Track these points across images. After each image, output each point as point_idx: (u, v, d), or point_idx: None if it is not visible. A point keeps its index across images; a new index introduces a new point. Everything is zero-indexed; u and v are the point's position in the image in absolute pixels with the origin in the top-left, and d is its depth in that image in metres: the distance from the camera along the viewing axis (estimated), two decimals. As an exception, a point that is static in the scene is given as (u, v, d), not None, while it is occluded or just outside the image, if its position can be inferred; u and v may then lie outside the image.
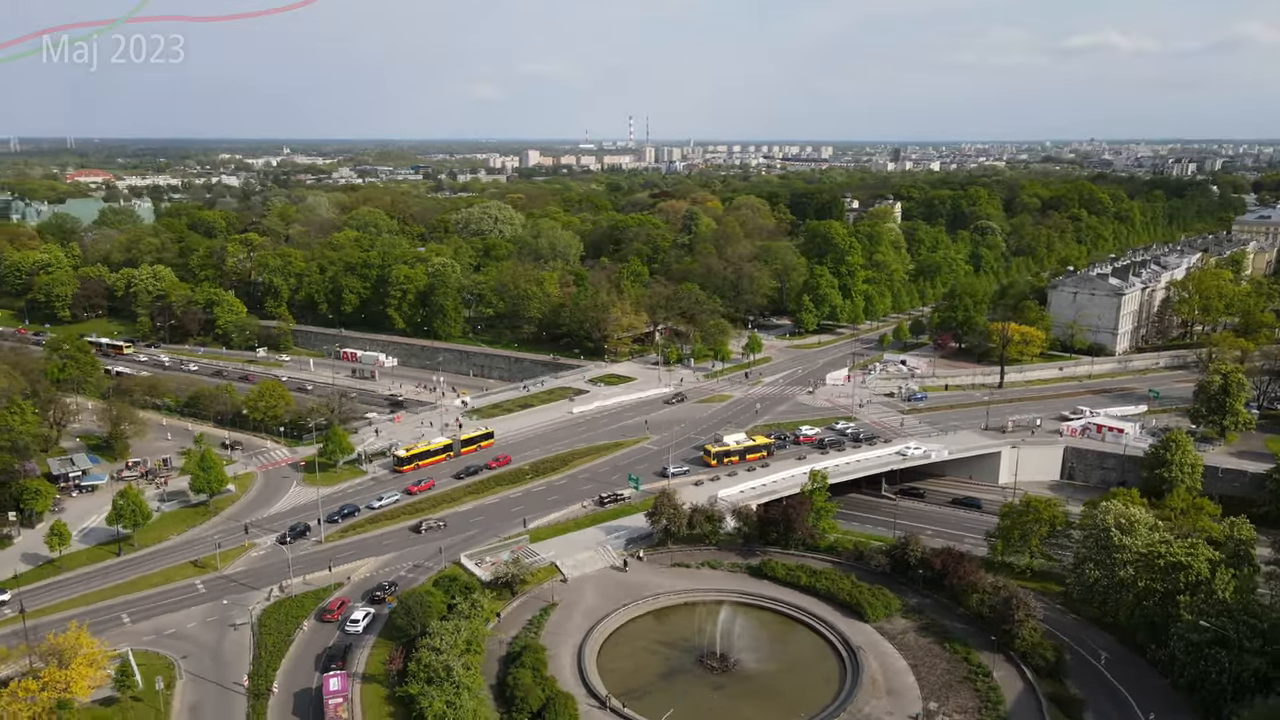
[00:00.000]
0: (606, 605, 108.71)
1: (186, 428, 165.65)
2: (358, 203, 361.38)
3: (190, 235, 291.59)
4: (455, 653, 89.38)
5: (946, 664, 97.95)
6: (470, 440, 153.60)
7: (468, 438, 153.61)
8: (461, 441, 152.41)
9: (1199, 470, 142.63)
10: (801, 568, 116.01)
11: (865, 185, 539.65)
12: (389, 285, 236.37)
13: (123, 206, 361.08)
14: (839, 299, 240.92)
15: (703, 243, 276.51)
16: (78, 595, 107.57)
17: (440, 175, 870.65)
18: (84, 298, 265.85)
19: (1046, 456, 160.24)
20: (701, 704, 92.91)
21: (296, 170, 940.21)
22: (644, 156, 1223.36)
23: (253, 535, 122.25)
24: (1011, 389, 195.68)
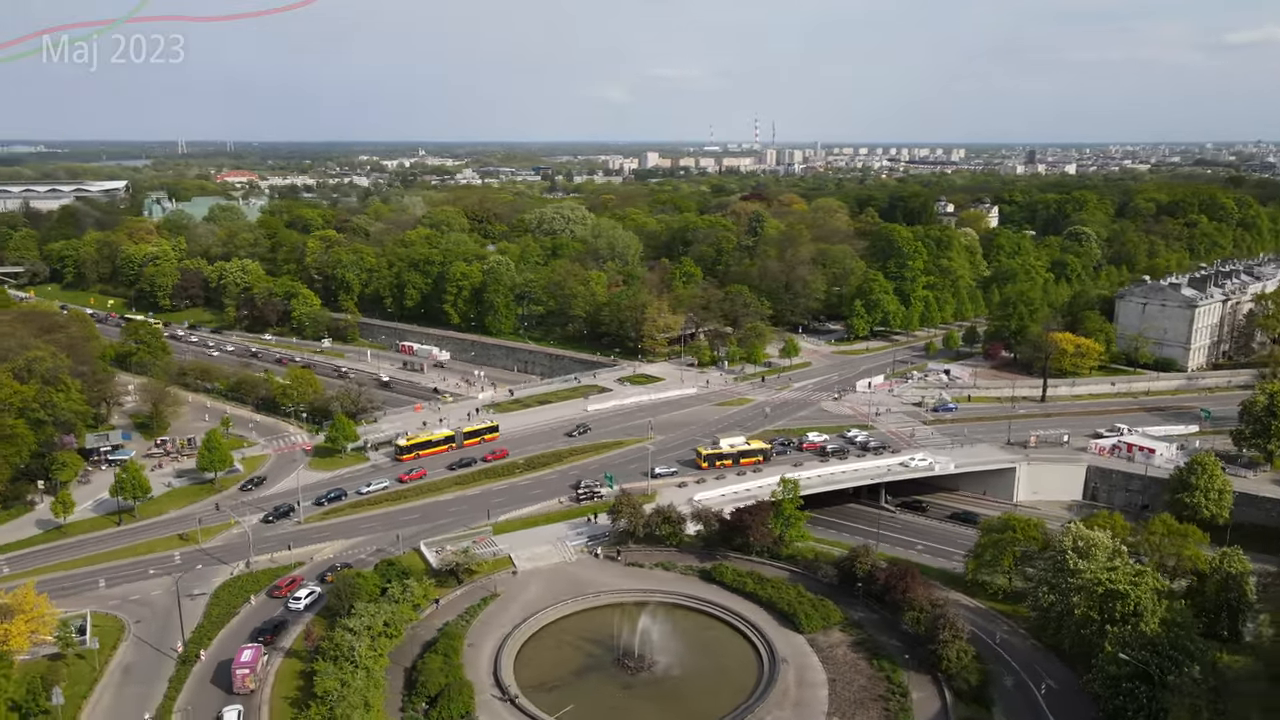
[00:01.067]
0: (547, 599, 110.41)
1: (226, 410, 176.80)
2: (449, 202, 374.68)
3: (283, 231, 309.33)
4: (367, 634, 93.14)
5: (867, 680, 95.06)
6: (474, 433, 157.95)
7: (470, 430, 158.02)
8: (465, 433, 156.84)
9: (1228, 496, 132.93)
10: (752, 574, 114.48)
11: (967, 188, 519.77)
12: (446, 282, 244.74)
13: (229, 204, 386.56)
14: (893, 304, 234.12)
15: (764, 245, 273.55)
16: (69, 559, 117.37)
17: (557, 176, 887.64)
18: (183, 288, 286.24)
19: (1067, 475, 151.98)
20: (603, 702, 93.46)
21: (425, 171, 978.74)
22: (764, 159, 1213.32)
23: (241, 513, 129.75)
24: (1054, 403, 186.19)
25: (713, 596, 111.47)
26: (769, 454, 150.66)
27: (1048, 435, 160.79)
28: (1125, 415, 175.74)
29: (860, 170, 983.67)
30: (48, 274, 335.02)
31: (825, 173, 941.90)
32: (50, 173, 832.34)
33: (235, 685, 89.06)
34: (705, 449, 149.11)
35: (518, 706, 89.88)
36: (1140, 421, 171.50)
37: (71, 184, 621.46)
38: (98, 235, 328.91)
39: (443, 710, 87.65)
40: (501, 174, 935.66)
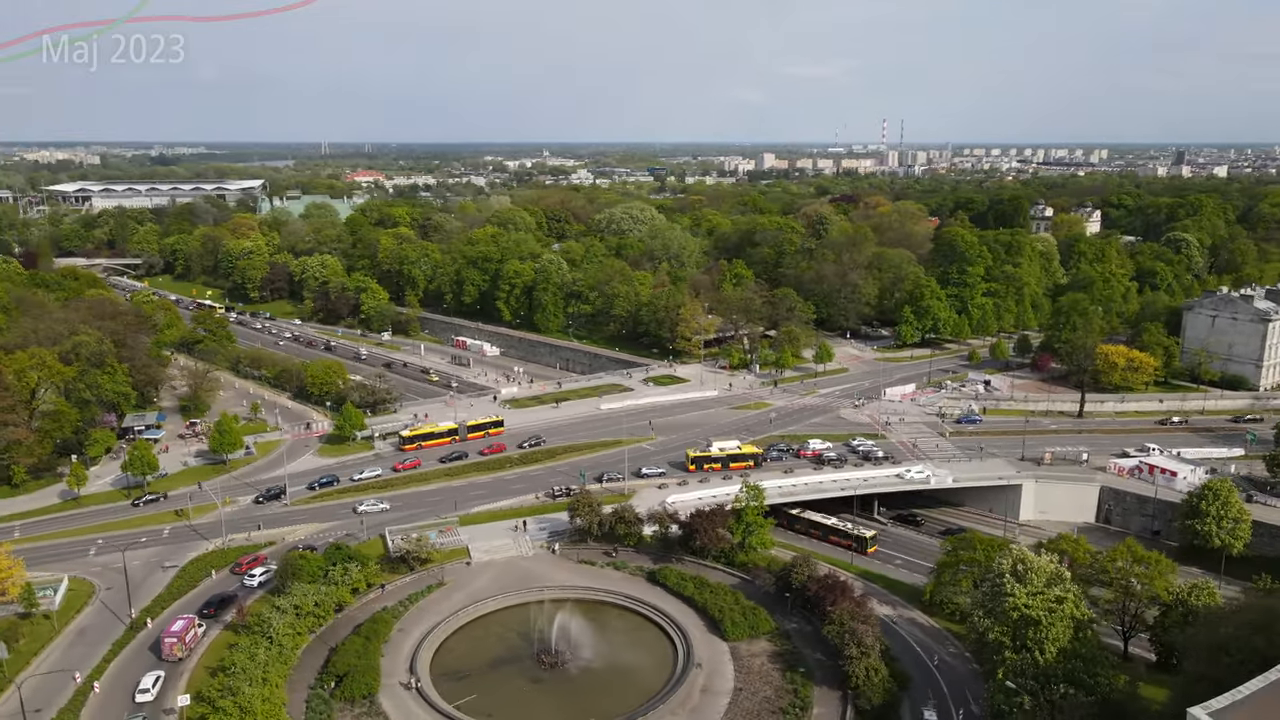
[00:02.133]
0: (490, 591, 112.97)
1: (264, 395, 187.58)
2: (532, 201, 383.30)
3: (366, 229, 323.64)
4: (293, 612, 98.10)
5: (774, 692, 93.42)
6: (478, 426, 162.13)
7: (475, 424, 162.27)
8: (469, 427, 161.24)
9: (1244, 526, 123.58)
10: (696, 579, 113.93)
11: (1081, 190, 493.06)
12: (500, 279, 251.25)
13: (323, 203, 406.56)
14: (944, 311, 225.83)
15: (823, 248, 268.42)
16: (72, 528, 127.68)
17: (669, 177, 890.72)
18: (270, 281, 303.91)
19: (1078, 495, 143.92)
20: (507, 694, 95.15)
21: (544, 171, 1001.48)
22: (886, 161, 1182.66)
23: (240, 494, 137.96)
24: (1093, 419, 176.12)
25: (652, 598, 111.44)
26: (760, 459, 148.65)
27: (1065, 452, 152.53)
28: (1167, 435, 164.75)
29: (984, 172, 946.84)
30: (161, 266, 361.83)
31: (945, 175, 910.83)
32: (201, 172, 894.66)
33: (163, 653, 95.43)
34: (694, 451, 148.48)
35: (418, 692, 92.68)
36: (1182, 442, 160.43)
37: (214, 183, 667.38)
38: (206, 230, 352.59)
39: (346, 689, 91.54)
40: (616, 174, 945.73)
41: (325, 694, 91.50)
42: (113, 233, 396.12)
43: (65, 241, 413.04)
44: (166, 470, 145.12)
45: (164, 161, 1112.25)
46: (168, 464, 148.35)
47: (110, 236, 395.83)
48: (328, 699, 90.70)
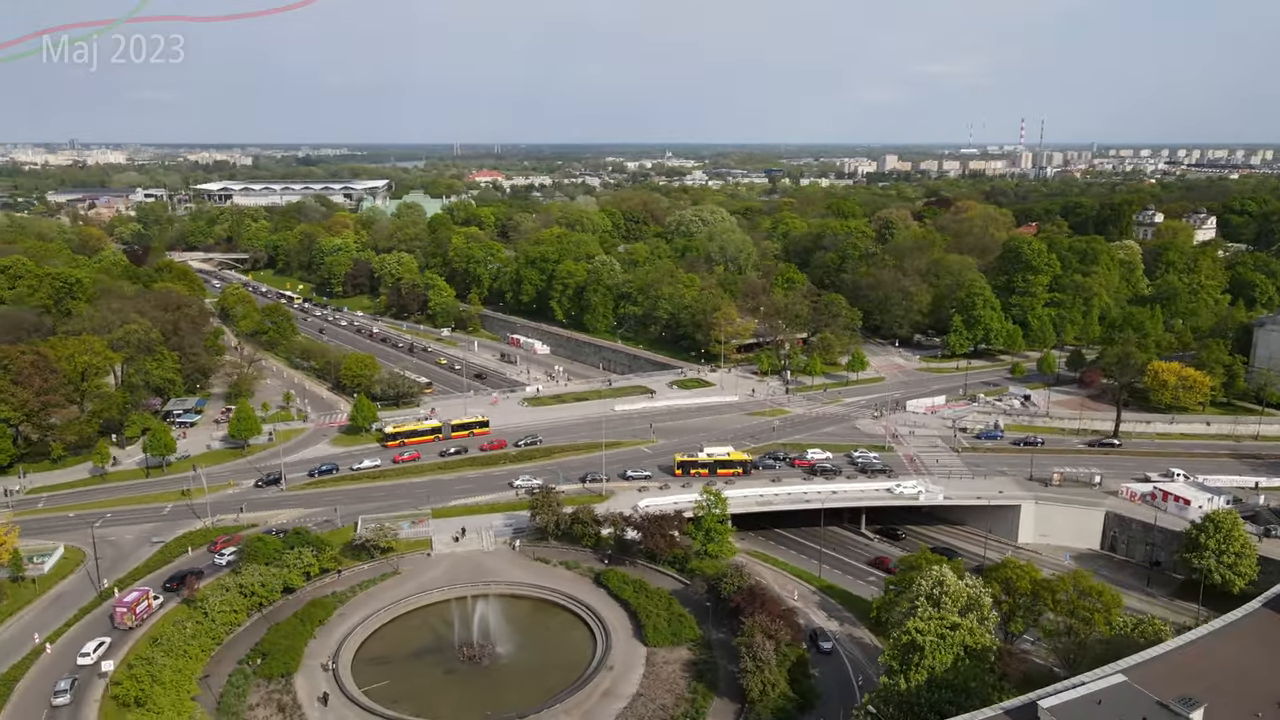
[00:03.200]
0: (440, 583, 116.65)
1: (305, 385, 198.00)
2: (616, 202, 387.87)
3: (443, 228, 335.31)
4: (237, 591, 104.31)
5: (672, 701, 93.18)
6: (463, 426, 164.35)
7: (459, 423, 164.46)
8: (453, 426, 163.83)
9: (1249, 560, 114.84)
10: (638, 583, 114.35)
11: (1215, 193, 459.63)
12: (554, 280, 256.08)
13: (414, 201, 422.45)
14: (997, 321, 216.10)
15: (883, 253, 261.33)
16: (89, 501, 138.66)
17: (784, 179, 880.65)
18: (353, 277, 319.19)
19: (1082, 520, 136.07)
20: (419, 682, 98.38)
21: (663, 172, 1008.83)
22: (1018, 162, 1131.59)
23: (248, 477, 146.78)
24: (1130, 440, 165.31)
25: (591, 600, 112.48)
26: (749, 466, 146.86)
27: (1076, 473, 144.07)
28: (1206, 460, 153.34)
29: (1123, 175, 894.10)
30: (265, 260, 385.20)
31: (1078, 177, 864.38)
32: (336, 172, 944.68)
33: (115, 621, 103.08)
34: (681, 456, 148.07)
35: (333, 674, 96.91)
36: (1223, 469, 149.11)
37: (343, 182, 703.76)
38: (305, 227, 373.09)
39: (266, 667, 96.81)
40: (731, 176, 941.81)
41: (249, 670, 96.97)
42: (231, 229, 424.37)
43: (191, 237, 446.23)
44: (189, 452, 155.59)
45: (308, 162, 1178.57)
46: (194, 447, 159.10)
47: (229, 233, 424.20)
48: (249, 675, 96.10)
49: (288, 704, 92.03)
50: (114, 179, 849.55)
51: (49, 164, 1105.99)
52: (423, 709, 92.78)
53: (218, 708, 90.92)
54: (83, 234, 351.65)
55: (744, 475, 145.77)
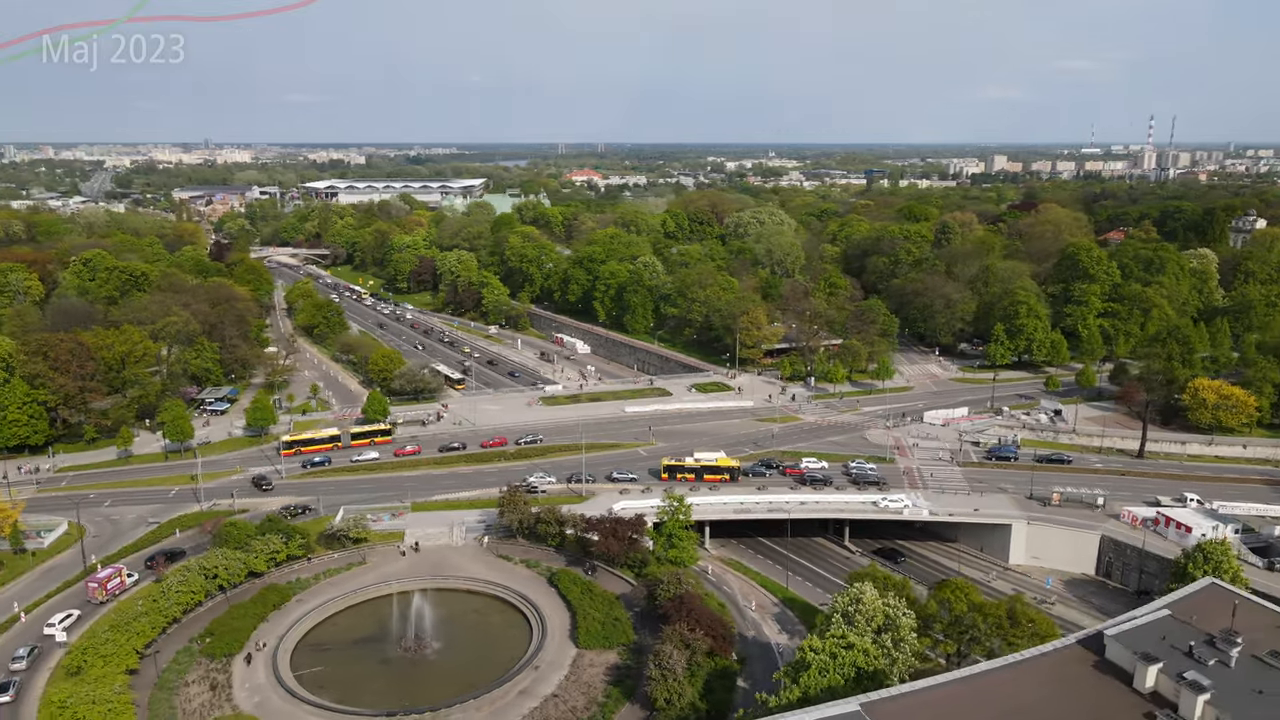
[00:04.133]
0: (401, 575, 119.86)
1: (339, 378, 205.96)
2: (683, 204, 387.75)
3: (505, 227, 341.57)
4: (196, 572, 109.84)
5: (584, 703, 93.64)
6: (362, 435, 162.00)
7: (357, 431, 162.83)
8: (352, 434, 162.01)
9: None
10: (587, 585, 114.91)
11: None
12: (598, 280, 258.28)
13: (482, 200, 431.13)
14: (1041, 331, 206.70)
15: (934, 259, 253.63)
16: (107, 481, 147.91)
17: (883, 180, 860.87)
18: (417, 273, 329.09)
19: (1076, 543, 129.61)
20: (352, 670, 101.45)
21: (763, 172, 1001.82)
22: (1140, 163, 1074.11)
23: (257, 464, 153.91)
24: (1156, 460, 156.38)
25: (539, 599, 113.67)
26: (736, 473, 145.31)
27: (1078, 494, 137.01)
28: (1235, 486, 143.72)
29: (1255, 176, 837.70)
30: (344, 257, 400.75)
31: (1202, 180, 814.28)
32: (440, 171, 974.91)
33: (87, 594, 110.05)
34: (669, 460, 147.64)
35: (273, 657, 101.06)
36: (1251, 496, 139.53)
37: (441, 181, 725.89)
38: (379, 225, 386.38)
39: (210, 647, 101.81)
40: (829, 177, 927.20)
41: (195, 648, 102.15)
42: (319, 226, 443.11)
43: (284, 233, 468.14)
44: (210, 438, 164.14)
45: (416, 161, 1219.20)
46: (216, 434, 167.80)
47: (317, 229, 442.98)
48: (195, 653, 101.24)
49: (220, 683, 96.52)
50: (235, 177, 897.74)
51: (182, 162, 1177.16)
52: (346, 696, 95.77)
53: (156, 682, 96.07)
54: (178, 229, 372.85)
55: (730, 482, 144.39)
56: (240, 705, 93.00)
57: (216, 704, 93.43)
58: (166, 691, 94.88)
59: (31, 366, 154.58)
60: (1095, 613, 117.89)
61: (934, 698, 50.84)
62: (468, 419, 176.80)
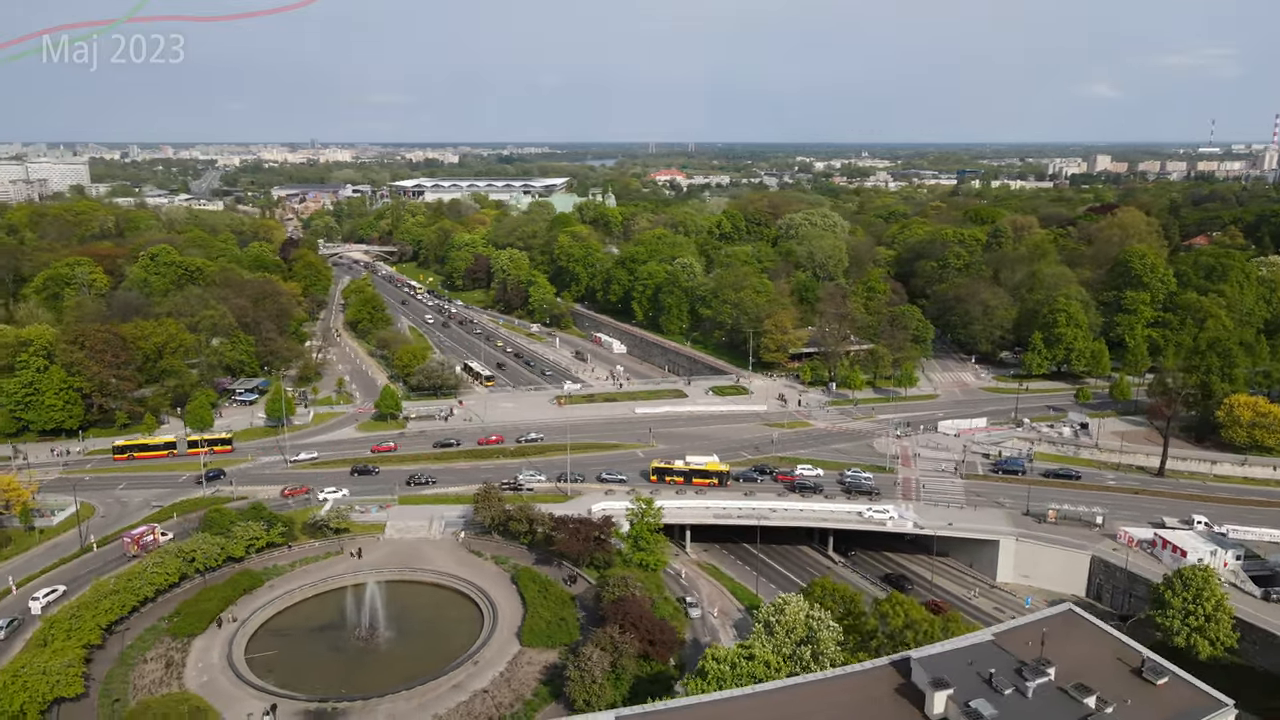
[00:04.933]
0: (372, 566, 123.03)
1: (370, 372, 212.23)
2: (743, 204, 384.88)
3: (562, 226, 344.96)
4: (174, 555, 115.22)
5: (511, 699, 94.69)
6: (198, 442, 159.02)
7: (193, 439, 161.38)
8: (189, 441, 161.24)
9: (1220, 625, 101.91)
10: (546, 583, 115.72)
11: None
12: (636, 280, 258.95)
13: (544, 200, 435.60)
14: (1082, 341, 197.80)
15: (979, 264, 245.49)
16: (125, 465, 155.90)
17: (973, 181, 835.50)
18: (472, 271, 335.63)
19: (1066, 563, 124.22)
20: (304, 655, 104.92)
21: (851, 173, 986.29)
22: (1260, 163, 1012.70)
23: (271, 453, 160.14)
24: (1176, 479, 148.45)
25: (498, 595, 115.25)
26: (725, 478, 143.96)
27: (1075, 511, 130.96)
28: (1259, 510, 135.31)
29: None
30: (411, 254, 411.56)
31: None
32: (528, 170, 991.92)
33: (124, 548, 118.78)
34: (658, 463, 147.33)
35: (229, 639, 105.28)
36: (1272, 520, 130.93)
37: (524, 180, 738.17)
38: (444, 223, 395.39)
39: (174, 626, 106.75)
40: (919, 177, 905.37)
41: (163, 627, 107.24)
42: (391, 224, 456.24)
43: (360, 230, 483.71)
44: (231, 428, 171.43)
45: (507, 160, 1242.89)
46: (239, 423, 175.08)
47: (389, 227, 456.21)
48: (161, 631, 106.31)
49: (176, 661, 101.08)
50: (332, 175, 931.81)
51: (287, 161, 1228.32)
52: (291, 680, 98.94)
53: (118, 657, 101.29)
54: (254, 225, 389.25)
55: (718, 486, 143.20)
56: (189, 683, 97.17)
57: (167, 681, 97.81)
58: (125, 666, 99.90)
59: (69, 355, 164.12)
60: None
61: (710, 713, 49.75)
62: (479, 416, 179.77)
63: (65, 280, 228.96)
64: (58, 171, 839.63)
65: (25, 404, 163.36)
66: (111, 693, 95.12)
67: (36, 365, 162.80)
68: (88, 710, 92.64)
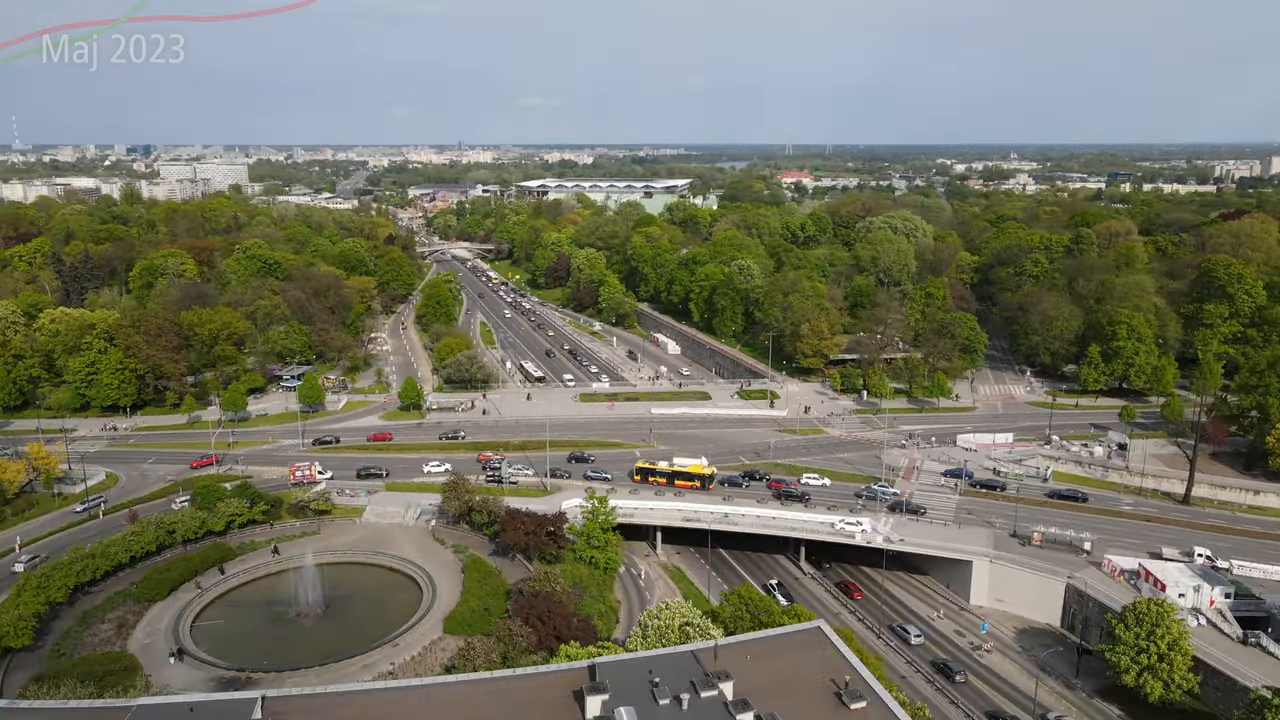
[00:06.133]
0: (340, 548, 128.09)
1: (416, 363, 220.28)
2: (836, 208, 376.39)
3: (644, 227, 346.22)
4: (154, 525, 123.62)
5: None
6: None
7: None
8: None
9: (1175, 666, 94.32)
10: (490, 573, 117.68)
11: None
12: (693, 281, 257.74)
13: (632, 201, 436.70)
14: (1143, 356, 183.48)
15: (1053, 272, 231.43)
16: (160, 441, 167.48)
17: (1122, 184, 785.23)
18: (554, 270, 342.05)
19: (1039, 589, 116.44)
20: (245, 624, 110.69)
21: (987, 175, 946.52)
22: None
23: (283, 436, 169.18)
24: (1202, 508, 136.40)
25: (442, 581, 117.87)
26: (707, 481, 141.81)
27: (1063, 535, 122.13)
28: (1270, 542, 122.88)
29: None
30: (506, 252, 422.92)
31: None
32: (655, 172, 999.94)
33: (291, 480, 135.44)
34: (642, 463, 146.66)
35: (183, 607, 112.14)
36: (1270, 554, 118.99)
37: (643, 182, 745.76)
38: (537, 222, 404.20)
39: (139, 590, 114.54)
40: (1063, 179, 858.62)
41: (130, 591, 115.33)
42: (496, 223, 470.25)
43: (468, 229, 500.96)
44: (268, 410, 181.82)
45: (640, 161, 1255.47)
46: (275, 407, 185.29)
47: (494, 226, 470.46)
48: (129, 595, 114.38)
49: (129, 623, 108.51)
50: (467, 175, 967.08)
51: (431, 162, 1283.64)
52: (221, 648, 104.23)
53: (81, 615, 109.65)
54: (360, 223, 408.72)
55: (700, 489, 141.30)
56: (131, 644, 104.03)
57: (115, 640, 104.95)
58: (84, 625, 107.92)
59: (127, 338, 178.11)
60: (1031, 669, 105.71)
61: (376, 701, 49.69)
62: (495, 410, 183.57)
63: (159, 270, 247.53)
64: (221, 171, 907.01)
65: (87, 382, 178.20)
66: (60, 647, 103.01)
67: (98, 347, 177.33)
68: (38, 660, 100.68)
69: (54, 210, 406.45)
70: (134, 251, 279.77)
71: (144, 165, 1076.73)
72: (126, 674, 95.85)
